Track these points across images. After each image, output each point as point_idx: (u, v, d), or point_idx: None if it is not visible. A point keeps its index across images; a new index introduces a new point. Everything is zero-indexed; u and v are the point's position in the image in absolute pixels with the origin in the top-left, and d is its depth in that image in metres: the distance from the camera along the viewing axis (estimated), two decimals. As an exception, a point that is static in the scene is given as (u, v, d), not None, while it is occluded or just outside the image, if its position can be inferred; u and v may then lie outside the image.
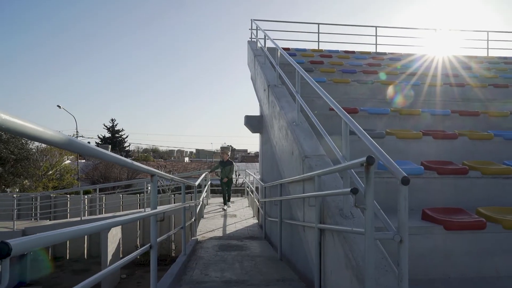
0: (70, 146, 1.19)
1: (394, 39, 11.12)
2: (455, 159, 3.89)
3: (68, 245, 13.50)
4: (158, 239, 2.95)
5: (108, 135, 40.59)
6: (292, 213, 3.99)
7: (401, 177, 1.73)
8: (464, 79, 7.17)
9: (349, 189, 1.86)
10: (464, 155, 4.08)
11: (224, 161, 10.10)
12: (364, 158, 1.76)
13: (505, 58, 9.62)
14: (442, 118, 4.98)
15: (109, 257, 10.45)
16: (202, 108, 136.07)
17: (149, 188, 11.14)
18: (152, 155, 49.80)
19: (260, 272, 3.89)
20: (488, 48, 9.75)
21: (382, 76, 7.02)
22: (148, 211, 2.52)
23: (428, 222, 2.68)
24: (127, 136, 41.53)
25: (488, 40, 9.70)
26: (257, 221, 8.33)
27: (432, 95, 6.26)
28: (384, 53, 10.10)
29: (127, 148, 41.78)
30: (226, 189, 10.41)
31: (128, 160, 1.86)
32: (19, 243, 0.81)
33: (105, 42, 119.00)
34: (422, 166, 3.39)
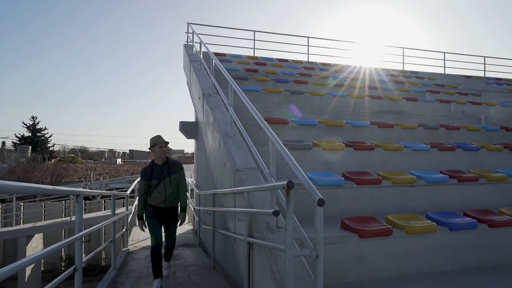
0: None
1: (324, 49, 11.81)
2: (372, 168, 4.34)
3: (-23, 259, 12.03)
4: (84, 259, 2.84)
5: (28, 134, 36.80)
6: (225, 223, 4.10)
7: (317, 199, 1.93)
8: (383, 92, 7.94)
9: (271, 211, 2.01)
10: (380, 165, 4.57)
11: (160, 166, 3.96)
12: (285, 182, 1.92)
13: (416, 72, 10.84)
14: (363, 129, 5.47)
15: (28, 272, 9.57)
16: (138, 110, 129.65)
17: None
18: (81, 155, 46.06)
19: (192, 283, 3.93)
20: (403, 63, 10.89)
21: (312, 86, 7.47)
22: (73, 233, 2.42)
23: (346, 231, 2.97)
24: (50, 136, 38.07)
25: (403, 55, 10.84)
26: (192, 227, 8.29)
27: (358, 106, 6.84)
28: (315, 63, 10.72)
29: (51, 149, 38.28)
30: (164, 230, 4.24)
31: (49, 186, 1.80)
32: None
33: (39, 41, 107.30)
34: (343, 177, 3.73)
